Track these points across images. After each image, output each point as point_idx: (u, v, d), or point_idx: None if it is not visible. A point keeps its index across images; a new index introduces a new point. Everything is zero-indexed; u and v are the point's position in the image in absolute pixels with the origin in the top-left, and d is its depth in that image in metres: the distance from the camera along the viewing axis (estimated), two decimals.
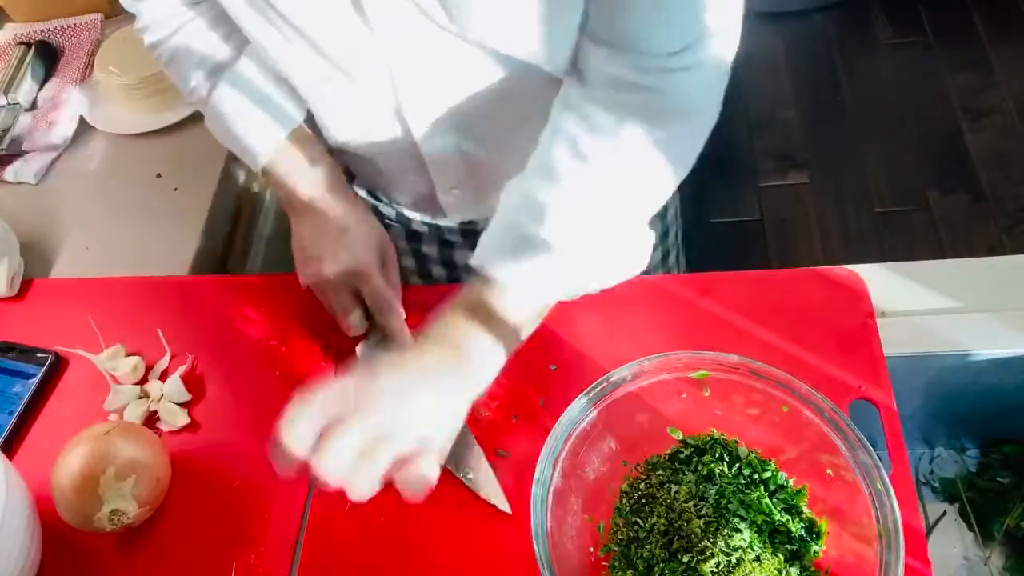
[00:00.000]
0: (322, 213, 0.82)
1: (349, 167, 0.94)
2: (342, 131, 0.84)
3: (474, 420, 0.79)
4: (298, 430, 0.60)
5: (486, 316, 0.68)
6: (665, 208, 1.03)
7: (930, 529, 0.93)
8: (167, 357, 0.88)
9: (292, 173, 0.83)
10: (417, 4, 0.65)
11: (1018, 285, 0.84)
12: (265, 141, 0.82)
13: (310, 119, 0.86)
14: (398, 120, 0.78)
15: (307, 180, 0.83)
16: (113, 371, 0.86)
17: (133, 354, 0.88)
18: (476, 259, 0.69)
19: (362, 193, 1.03)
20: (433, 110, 0.77)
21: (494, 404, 0.80)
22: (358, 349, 0.84)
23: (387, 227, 1.01)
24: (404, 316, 0.82)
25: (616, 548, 0.69)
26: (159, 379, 0.86)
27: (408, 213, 1.01)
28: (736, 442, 0.72)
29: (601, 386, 0.70)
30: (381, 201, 1.01)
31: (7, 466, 0.71)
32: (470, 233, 1.00)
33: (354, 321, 0.82)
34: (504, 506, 0.75)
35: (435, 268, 1.07)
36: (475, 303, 0.68)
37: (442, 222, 0.99)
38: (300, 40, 0.71)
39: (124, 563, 0.75)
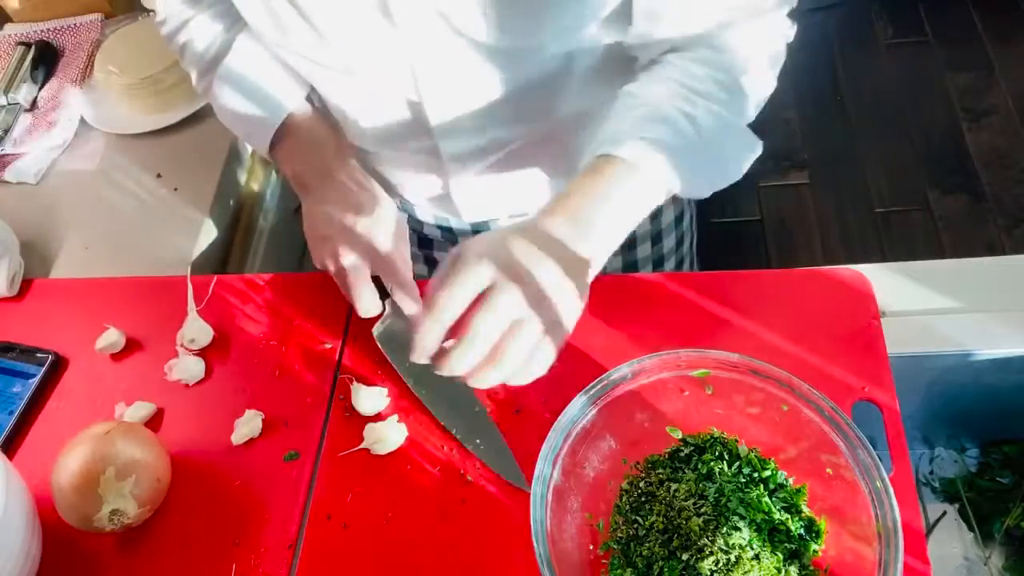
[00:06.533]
0: (335, 191, 0.80)
1: (363, 166, 0.94)
2: (362, 129, 0.83)
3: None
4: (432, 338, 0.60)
5: (607, 195, 0.65)
6: (682, 212, 1.04)
7: (930, 529, 0.93)
8: None
9: (301, 150, 0.82)
10: (446, 19, 0.66)
11: (1018, 285, 0.83)
12: (267, 125, 0.81)
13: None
14: (419, 119, 0.78)
15: (317, 157, 0.81)
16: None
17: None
18: (603, 146, 0.66)
19: None
20: (454, 110, 0.77)
21: (496, 399, 0.80)
22: (375, 331, 0.83)
23: None
24: (419, 294, 0.80)
25: (615, 546, 0.69)
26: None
27: (420, 216, 1.01)
28: (736, 441, 0.72)
29: (601, 384, 0.70)
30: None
31: (7, 466, 0.71)
32: None
33: (369, 303, 0.78)
34: (520, 482, 0.74)
35: None
36: (599, 181, 0.65)
37: (455, 224, 0.99)
38: (321, 39, 0.71)
39: (124, 563, 0.75)
